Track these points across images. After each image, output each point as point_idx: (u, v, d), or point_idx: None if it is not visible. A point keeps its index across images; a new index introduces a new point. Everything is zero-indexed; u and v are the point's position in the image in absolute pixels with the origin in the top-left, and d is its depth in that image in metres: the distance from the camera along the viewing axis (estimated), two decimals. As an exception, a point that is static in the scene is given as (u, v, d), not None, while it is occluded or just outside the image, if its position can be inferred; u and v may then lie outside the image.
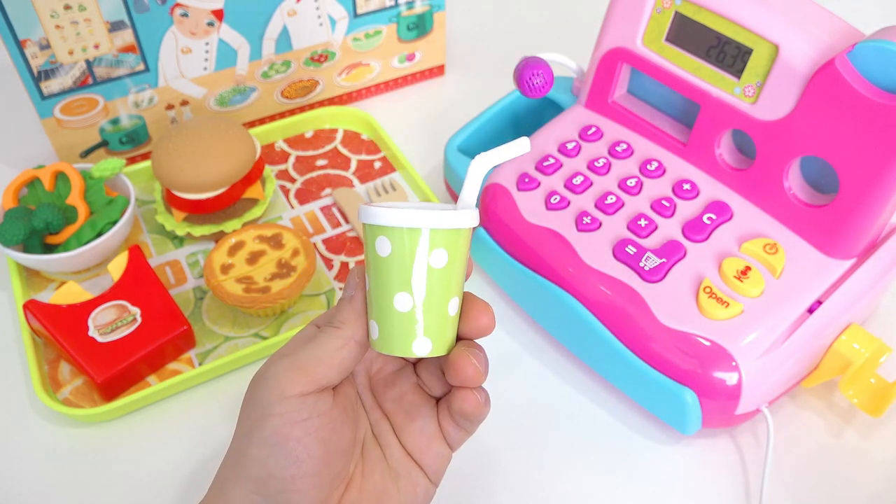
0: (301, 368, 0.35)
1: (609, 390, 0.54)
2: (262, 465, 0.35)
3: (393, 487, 0.39)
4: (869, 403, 0.49)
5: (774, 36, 0.47)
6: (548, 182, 0.56)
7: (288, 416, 0.35)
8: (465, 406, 0.38)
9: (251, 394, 0.36)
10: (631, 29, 0.54)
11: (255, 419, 0.35)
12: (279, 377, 0.35)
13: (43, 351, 0.56)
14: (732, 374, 0.46)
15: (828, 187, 0.50)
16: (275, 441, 0.35)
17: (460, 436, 0.40)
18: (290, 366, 0.35)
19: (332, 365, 0.36)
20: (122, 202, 0.61)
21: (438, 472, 0.40)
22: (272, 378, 0.35)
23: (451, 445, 0.40)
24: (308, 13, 0.69)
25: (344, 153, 0.71)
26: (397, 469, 0.39)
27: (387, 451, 0.40)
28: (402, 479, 0.39)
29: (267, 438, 0.35)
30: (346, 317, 0.37)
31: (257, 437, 0.35)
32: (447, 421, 0.39)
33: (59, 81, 0.63)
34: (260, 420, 0.35)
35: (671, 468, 0.50)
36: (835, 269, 0.49)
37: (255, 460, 0.35)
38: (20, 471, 0.50)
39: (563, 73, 0.73)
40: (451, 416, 0.39)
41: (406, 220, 0.34)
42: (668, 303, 0.48)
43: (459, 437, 0.40)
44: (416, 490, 0.39)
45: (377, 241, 0.35)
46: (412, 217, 0.34)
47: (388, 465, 0.39)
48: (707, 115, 0.52)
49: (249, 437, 0.35)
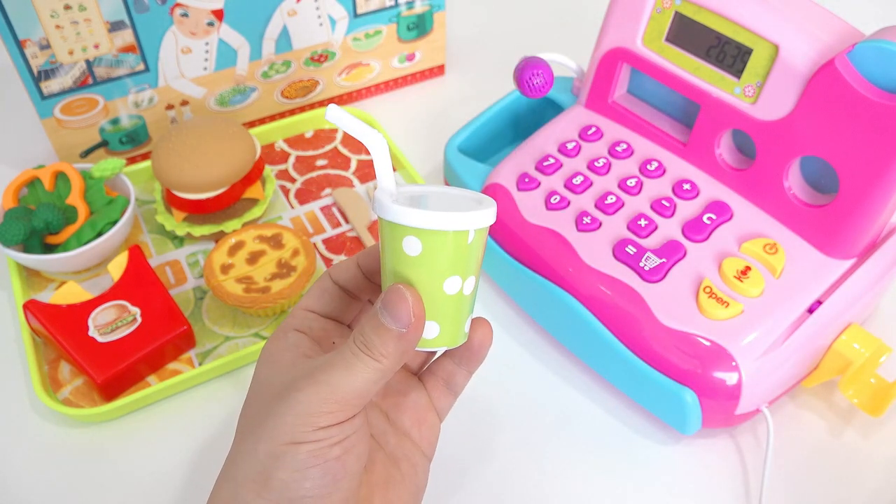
0: (337, 402, 0.33)
1: (609, 390, 0.54)
2: (295, 487, 0.33)
3: (396, 473, 0.39)
4: (869, 403, 0.49)
5: (774, 36, 0.47)
6: (548, 182, 0.56)
7: (325, 441, 0.33)
8: (485, 340, 0.40)
9: (274, 413, 0.34)
10: (631, 29, 0.54)
11: (284, 444, 0.33)
12: (311, 406, 0.33)
13: (43, 351, 0.56)
14: (732, 374, 0.46)
15: (828, 187, 0.50)
16: (312, 464, 0.33)
17: (448, 401, 0.42)
18: (327, 397, 0.33)
19: (367, 396, 0.34)
20: (122, 202, 0.61)
21: (432, 445, 0.41)
22: (303, 405, 0.33)
23: (440, 415, 0.42)
24: (308, 13, 0.69)
25: (344, 153, 0.71)
26: (395, 454, 0.39)
27: (382, 439, 0.40)
28: (402, 463, 0.39)
29: (302, 462, 0.33)
30: (390, 351, 0.34)
31: (290, 461, 0.33)
32: (436, 389, 0.41)
33: (59, 81, 0.63)
34: (292, 446, 0.33)
35: (671, 468, 0.50)
36: (835, 269, 0.49)
37: (285, 483, 0.33)
38: (20, 471, 0.50)
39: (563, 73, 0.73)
40: (443, 379, 0.41)
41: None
42: (668, 303, 0.48)
43: (448, 403, 0.42)
44: (416, 470, 0.40)
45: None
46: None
47: (387, 453, 0.39)
48: (707, 115, 0.52)
49: (277, 459, 0.33)
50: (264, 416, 0.34)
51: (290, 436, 0.33)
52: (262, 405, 0.35)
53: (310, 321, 0.40)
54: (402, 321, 0.33)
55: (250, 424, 0.36)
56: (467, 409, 0.53)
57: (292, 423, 0.33)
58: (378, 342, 0.34)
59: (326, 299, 0.40)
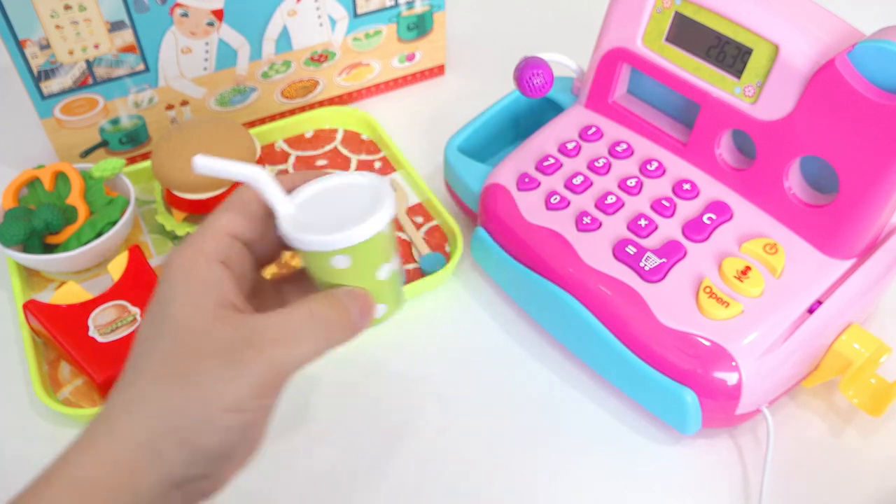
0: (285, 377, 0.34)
1: (609, 390, 0.54)
2: (220, 447, 0.33)
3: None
4: (869, 403, 0.49)
5: (774, 36, 0.47)
6: (548, 182, 0.56)
7: (263, 410, 0.34)
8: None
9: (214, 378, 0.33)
10: (631, 29, 0.54)
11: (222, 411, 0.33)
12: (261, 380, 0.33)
13: (43, 351, 0.56)
14: (732, 374, 0.46)
15: (828, 187, 0.50)
16: (244, 428, 0.34)
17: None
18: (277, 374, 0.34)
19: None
20: (122, 202, 0.61)
21: None
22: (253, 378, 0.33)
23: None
24: (308, 13, 0.69)
25: (344, 153, 0.71)
26: None
27: None
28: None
29: (236, 428, 0.33)
30: (343, 341, 0.36)
31: (223, 426, 0.33)
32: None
33: (59, 81, 0.63)
34: (229, 413, 0.33)
35: (671, 468, 0.50)
36: (835, 269, 0.49)
37: (211, 444, 0.33)
38: (20, 471, 0.50)
39: (563, 73, 0.73)
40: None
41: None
42: (668, 303, 0.48)
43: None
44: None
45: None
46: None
47: None
48: (707, 115, 0.52)
49: (209, 423, 0.33)
50: (197, 376, 0.33)
51: (230, 405, 0.33)
52: (189, 357, 0.33)
53: (232, 251, 0.36)
54: (358, 323, 0.36)
55: (171, 374, 0.33)
56: (467, 409, 0.53)
57: (234, 392, 0.33)
58: (337, 336, 0.36)
59: (255, 225, 0.37)
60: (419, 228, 0.64)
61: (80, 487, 0.33)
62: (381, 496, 0.49)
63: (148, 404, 0.33)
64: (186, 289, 0.35)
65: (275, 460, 0.51)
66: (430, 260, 0.61)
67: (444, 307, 0.59)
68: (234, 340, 0.33)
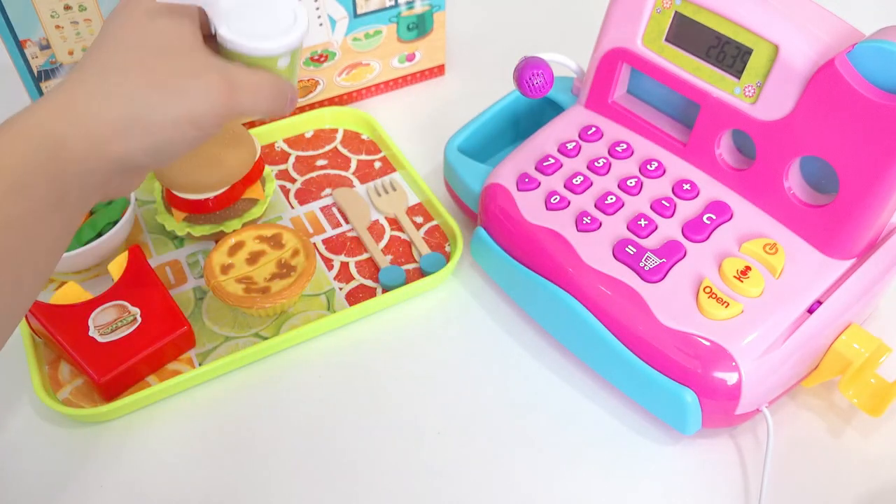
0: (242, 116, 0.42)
1: (609, 390, 0.54)
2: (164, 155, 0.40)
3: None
4: (869, 403, 0.49)
5: (774, 36, 0.47)
6: (548, 182, 0.56)
7: (215, 129, 0.41)
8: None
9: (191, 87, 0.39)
10: (631, 29, 0.54)
11: (188, 124, 0.40)
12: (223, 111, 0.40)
13: (43, 351, 0.56)
14: (732, 374, 0.46)
15: (828, 187, 0.50)
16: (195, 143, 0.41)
17: None
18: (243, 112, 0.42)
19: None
20: (122, 202, 0.61)
21: None
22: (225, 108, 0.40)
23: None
24: (308, 13, 0.69)
25: (344, 153, 0.71)
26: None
27: None
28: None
29: (190, 141, 0.41)
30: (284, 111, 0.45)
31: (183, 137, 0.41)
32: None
33: (59, 81, 0.63)
34: (192, 128, 0.40)
35: (671, 468, 0.50)
36: (835, 269, 0.49)
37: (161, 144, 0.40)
38: (20, 471, 0.50)
39: (563, 73, 0.73)
40: None
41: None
42: (668, 303, 0.48)
43: None
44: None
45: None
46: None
47: None
48: (707, 115, 0.52)
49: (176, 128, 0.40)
50: (178, 76, 0.39)
51: (194, 119, 0.39)
52: (170, 59, 0.40)
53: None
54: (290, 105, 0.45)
55: (152, 81, 0.39)
56: (467, 409, 0.53)
57: (199, 108, 0.39)
58: (279, 106, 0.44)
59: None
60: (419, 228, 0.64)
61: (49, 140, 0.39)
62: (381, 496, 0.49)
63: (129, 87, 0.39)
64: (170, 13, 0.41)
65: (275, 460, 0.51)
66: (430, 260, 0.61)
67: (444, 307, 0.59)
68: (209, 67, 0.40)
